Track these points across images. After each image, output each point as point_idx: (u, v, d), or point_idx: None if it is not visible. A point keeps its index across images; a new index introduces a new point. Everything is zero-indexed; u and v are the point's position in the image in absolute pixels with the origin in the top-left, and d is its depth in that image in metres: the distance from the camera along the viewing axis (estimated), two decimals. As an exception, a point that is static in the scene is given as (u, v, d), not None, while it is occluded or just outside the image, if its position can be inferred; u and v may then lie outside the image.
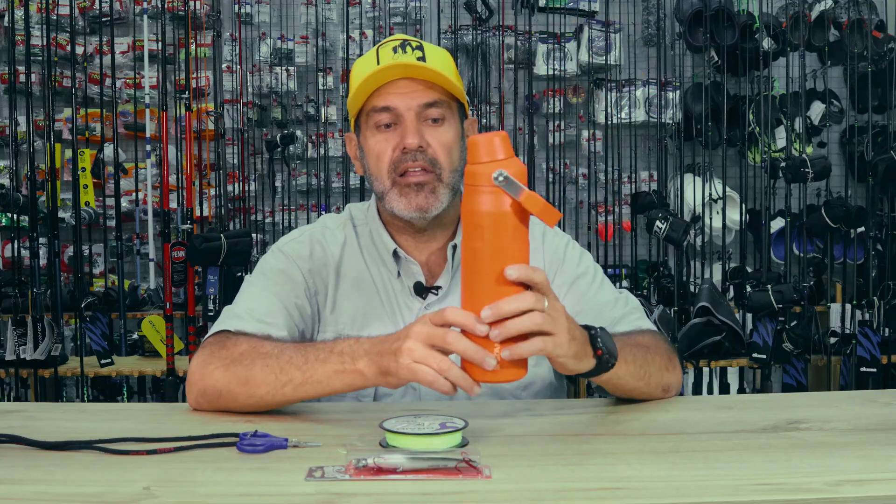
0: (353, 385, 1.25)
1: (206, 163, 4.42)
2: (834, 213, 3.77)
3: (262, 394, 1.30)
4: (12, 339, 3.35)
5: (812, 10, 4.48)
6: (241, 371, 1.32)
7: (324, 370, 1.26)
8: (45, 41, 3.82)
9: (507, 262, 1.11)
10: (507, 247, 1.11)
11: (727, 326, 3.56)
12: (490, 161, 1.11)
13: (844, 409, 1.39)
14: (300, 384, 1.28)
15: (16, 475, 1.06)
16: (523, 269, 1.12)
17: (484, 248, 1.11)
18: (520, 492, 1.00)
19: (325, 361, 1.26)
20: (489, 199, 1.11)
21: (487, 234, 1.11)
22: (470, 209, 1.12)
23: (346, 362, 1.24)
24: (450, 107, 1.51)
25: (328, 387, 1.27)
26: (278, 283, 1.53)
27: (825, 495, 0.96)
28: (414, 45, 1.48)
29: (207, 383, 1.35)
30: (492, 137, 1.12)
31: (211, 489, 1.01)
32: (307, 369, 1.27)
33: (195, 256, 3.34)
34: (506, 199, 1.10)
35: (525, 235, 1.13)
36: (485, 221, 1.11)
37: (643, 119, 4.73)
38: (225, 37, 4.79)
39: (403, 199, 1.49)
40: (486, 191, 1.10)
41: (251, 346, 1.36)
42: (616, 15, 4.76)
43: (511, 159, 1.11)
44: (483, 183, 1.10)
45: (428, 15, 4.78)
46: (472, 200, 1.12)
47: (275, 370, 1.29)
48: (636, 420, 1.33)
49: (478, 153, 1.12)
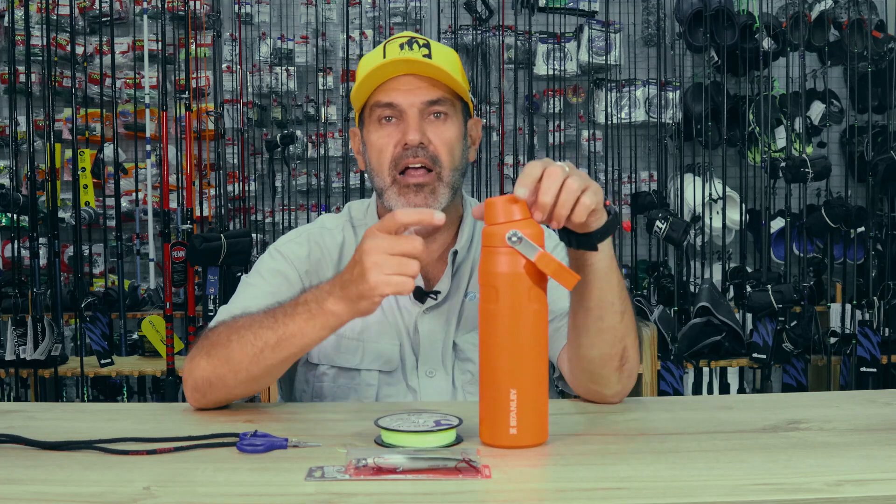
0: (327, 326, 1.26)
1: (206, 163, 4.42)
2: (834, 213, 3.77)
3: (245, 366, 1.31)
4: (12, 339, 3.35)
5: (812, 10, 4.48)
6: (221, 352, 1.33)
7: (295, 323, 1.27)
8: (45, 41, 3.82)
9: (523, 322, 1.12)
10: (523, 308, 1.12)
11: (727, 326, 3.56)
12: (507, 222, 1.12)
13: (844, 409, 1.39)
14: (276, 344, 1.28)
15: (16, 475, 1.06)
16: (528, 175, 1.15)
17: (500, 310, 1.12)
18: (520, 492, 1.00)
19: (293, 315, 1.27)
20: (504, 260, 1.12)
21: (503, 295, 1.12)
22: (486, 270, 1.13)
23: (312, 308, 1.25)
24: (453, 105, 1.51)
25: (304, 337, 1.27)
26: (274, 284, 1.53)
27: (825, 495, 0.96)
28: (421, 43, 1.48)
29: (197, 376, 1.35)
30: (508, 199, 1.13)
31: (211, 489, 1.01)
32: (278, 328, 1.28)
33: (195, 256, 3.34)
34: (520, 260, 1.11)
35: (542, 297, 1.14)
36: (500, 282, 1.12)
37: (643, 119, 4.73)
38: (225, 37, 4.79)
39: (402, 199, 1.48)
40: (501, 251, 1.11)
41: (226, 326, 1.36)
42: (616, 15, 4.76)
43: (527, 220, 1.12)
44: (498, 244, 1.12)
45: (428, 15, 4.78)
46: (487, 261, 1.13)
47: (250, 339, 1.30)
48: (636, 420, 1.33)
49: (495, 214, 1.13)
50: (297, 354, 1.32)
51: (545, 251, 1.11)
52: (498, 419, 1.12)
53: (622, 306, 1.32)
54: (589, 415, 1.37)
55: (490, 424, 1.14)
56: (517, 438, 1.12)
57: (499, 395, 1.12)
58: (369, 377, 1.52)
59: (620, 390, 1.39)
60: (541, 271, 1.11)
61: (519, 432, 1.11)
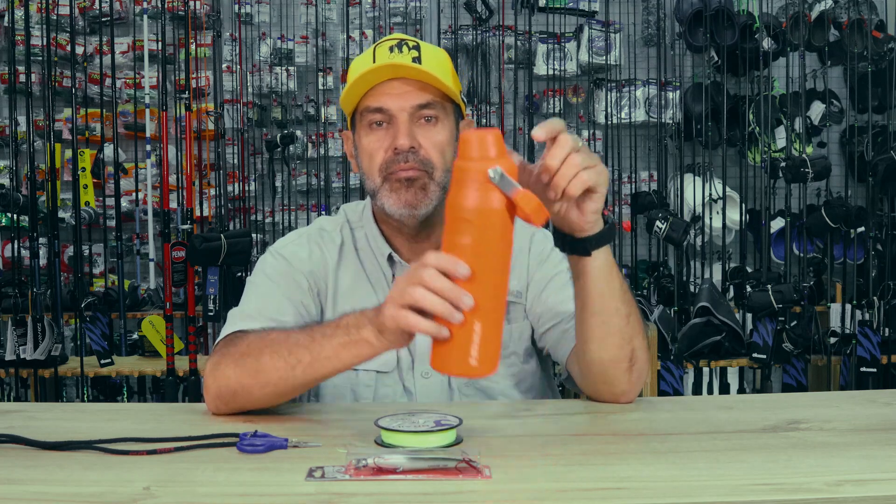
0: (360, 355, 1.24)
1: (206, 163, 4.42)
2: (834, 213, 3.77)
3: (274, 381, 1.29)
4: (12, 339, 3.35)
5: (812, 10, 4.48)
6: (250, 363, 1.32)
7: (331, 345, 1.25)
8: (45, 41, 3.82)
9: (491, 260, 1.10)
10: (494, 245, 1.10)
11: (727, 326, 3.56)
12: (484, 158, 1.09)
13: (844, 409, 1.38)
14: (309, 363, 1.27)
15: (16, 475, 1.06)
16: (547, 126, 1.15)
17: (469, 245, 1.10)
18: (520, 492, 1.00)
19: (331, 337, 1.26)
20: (482, 196, 1.09)
21: (475, 230, 1.09)
22: (458, 203, 1.10)
23: (351, 333, 1.23)
24: (444, 108, 1.51)
25: (338, 361, 1.26)
26: (283, 283, 1.53)
27: (825, 495, 0.96)
28: (411, 45, 1.48)
29: (221, 384, 1.34)
30: (486, 134, 1.10)
31: (211, 489, 1.01)
32: (314, 348, 1.27)
33: (195, 256, 3.34)
34: (498, 197, 1.09)
35: (510, 235, 1.12)
36: (473, 217, 1.09)
37: (643, 119, 4.73)
38: (225, 37, 4.79)
39: (393, 195, 1.48)
40: (480, 187, 1.09)
41: (258, 338, 1.35)
42: (616, 15, 4.76)
43: (504, 157, 1.10)
44: (476, 178, 1.09)
45: (428, 15, 4.78)
46: (461, 195, 1.10)
47: (283, 354, 1.29)
48: (636, 420, 1.33)
49: (470, 149, 1.10)
50: (327, 377, 1.31)
51: (524, 189, 1.09)
52: (459, 349, 1.11)
53: (627, 309, 1.33)
54: (589, 415, 1.37)
55: (447, 353, 1.12)
56: (476, 370, 1.11)
57: (463, 327, 1.10)
58: (366, 378, 1.52)
59: (631, 390, 1.39)
60: (512, 209, 1.09)
61: (479, 363, 1.11)
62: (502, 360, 1.54)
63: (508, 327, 1.56)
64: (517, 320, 1.57)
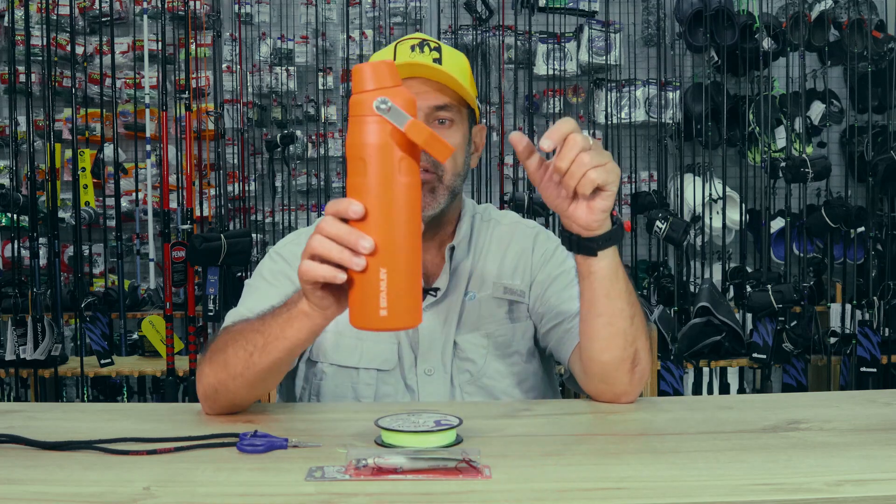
0: (303, 328, 1.22)
1: (206, 163, 4.42)
2: (834, 213, 3.77)
3: (240, 371, 1.30)
4: (12, 339, 3.35)
5: (812, 10, 4.48)
6: (220, 357, 1.33)
7: (277, 324, 1.25)
8: (45, 41, 3.82)
9: (392, 199, 1.04)
10: (391, 181, 1.04)
11: (727, 326, 3.56)
12: (376, 89, 1.03)
13: (844, 409, 1.38)
14: (263, 346, 1.27)
15: (16, 475, 1.06)
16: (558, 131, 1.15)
17: (367, 183, 1.04)
18: (520, 492, 1.00)
19: (277, 316, 1.26)
20: (372, 130, 1.03)
21: (371, 167, 1.04)
22: (352, 141, 1.05)
23: (290, 309, 1.23)
24: (459, 111, 1.51)
25: (285, 339, 1.24)
26: (279, 283, 1.53)
27: (825, 495, 0.96)
28: (432, 46, 1.48)
29: (203, 383, 1.35)
30: (377, 64, 1.05)
31: (211, 489, 1.01)
32: (265, 329, 1.27)
33: (195, 256, 3.34)
34: (387, 129, 1.03)
35: (414, 169, 1.05)
36: (367, 153, 1.04)
37: (643, 119, 4.73)
38: (225, 37, 4.79)
39: None
40: (369, 121, 1.03)
41: (227, 332, 1.36)
42: (616, 15, 4.76)
43: (397, 88, 1.04)
44: (366, 112, 1.02)
45: (428, 15, 4.78)
46: (354, 132, 1.05)
47: (242, 343, 1.30)
48: (636, 420, 1.33)
49: (363, 81, 1.03)
50: (285, 359, 1.29)
51: (416, 119, 1.02)
52: (367, 300, 1.05)
53: (632, 311, 1.33)
54: (589, 415, 1.37)
55: (358, 305, 1.07)
56: (388, 321, 1.05)
57: (368, 275, 1.04)
58: (367, 376, 1.53)
59: (632, 391, 1.39)
60: (411, 141, 1.02)
61: (390, 313, 1.05)
62: (505, 359, 1.55)
63: (512, 326, 1.56)
64: (520, 319, 1.57)
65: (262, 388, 1.35)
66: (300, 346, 1.26)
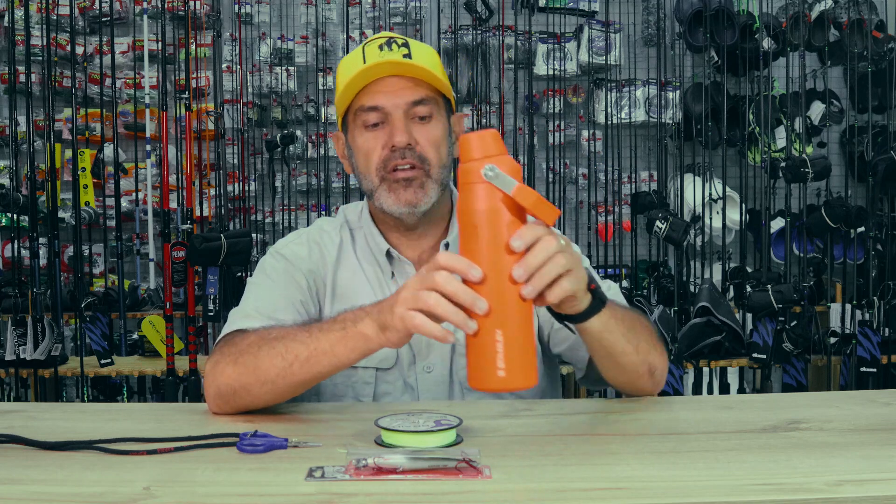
0: (357, 349, 1.23)
1: (206, 163, 4.41)
2: (834, 213, 3.77)
3: (272, 378, 1.29)
4: (12, 339, 3.35)
5: (812, 10, 4.48)
6: (249, 361, 1.31)
7: (327, 340, 1.25)
8: (45, 41, 3.82)
9: (504, 259, 1.08)
10: (503, 243, 1.07)
11: (727, 326, 3.56)
12: (482, 158, 1.08)
13: (844, 409, 1.38)
14: (307, 359, 1.26)
15: (16, 475, 1.06)
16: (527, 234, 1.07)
17: (480, 248, 1.08)
18: (520, 492, 1.00)
19: (328, 331, 1.25)
20: (481, 196, 1.08)
21: (483, 231, 1.08)
22: (463, 208, 1.10)
23: (348, 327, 1.23)
24: (437, 103, 1.52)
25: (334, 356, 1.25)
26: (282, 282, 1.53)
27: (825, 495, 0.96)
28: (400, 43, 1.48)
29: (220, 382, 1.34)
30: (483, 134, 1.09)
31: (211, 489, 1.01)
32: (311, 342, 1.26)
33: (195, 256, 3.34)
34: (497, 195, 1.07)
35: None
36: (479, 219, 1.08)
37: (643, 119, 4.73)
38: (225, 37, 4.79)
39: (392, 195, 1.50)
40: (479, 188, 1.08)
41: (257, 336, 1.35)
42: (616, 15, 4.76)
43: (502, 156, 1.09)
44: (475, 180, 1.08)
45: (428, 15, 4.78)
46: (465, 199, 1.09)
47: (281, 351, 1.29)
48: (636, 420, 1.33)
49: (469, 151, 1.09)
50: (325, 374, 1.29)
51: (523, 184, 1.07)
52: (486, 362, 1.08)
53: (635, 340, 1.35)
54: (589, 415, 1.37)
55: (475, 366, 1.10)
56: (506, 381, 1.08)
57: (485, 338, 1.08)
58: (366, 375, 1.53)
59: (654, 390, 1.45)
60: (519, 205, 1.07)
61: (508, 374, 1.07)
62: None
63: None
64: None
65: (287, 396, 1.34)
66: (347, 365, 1.27)
